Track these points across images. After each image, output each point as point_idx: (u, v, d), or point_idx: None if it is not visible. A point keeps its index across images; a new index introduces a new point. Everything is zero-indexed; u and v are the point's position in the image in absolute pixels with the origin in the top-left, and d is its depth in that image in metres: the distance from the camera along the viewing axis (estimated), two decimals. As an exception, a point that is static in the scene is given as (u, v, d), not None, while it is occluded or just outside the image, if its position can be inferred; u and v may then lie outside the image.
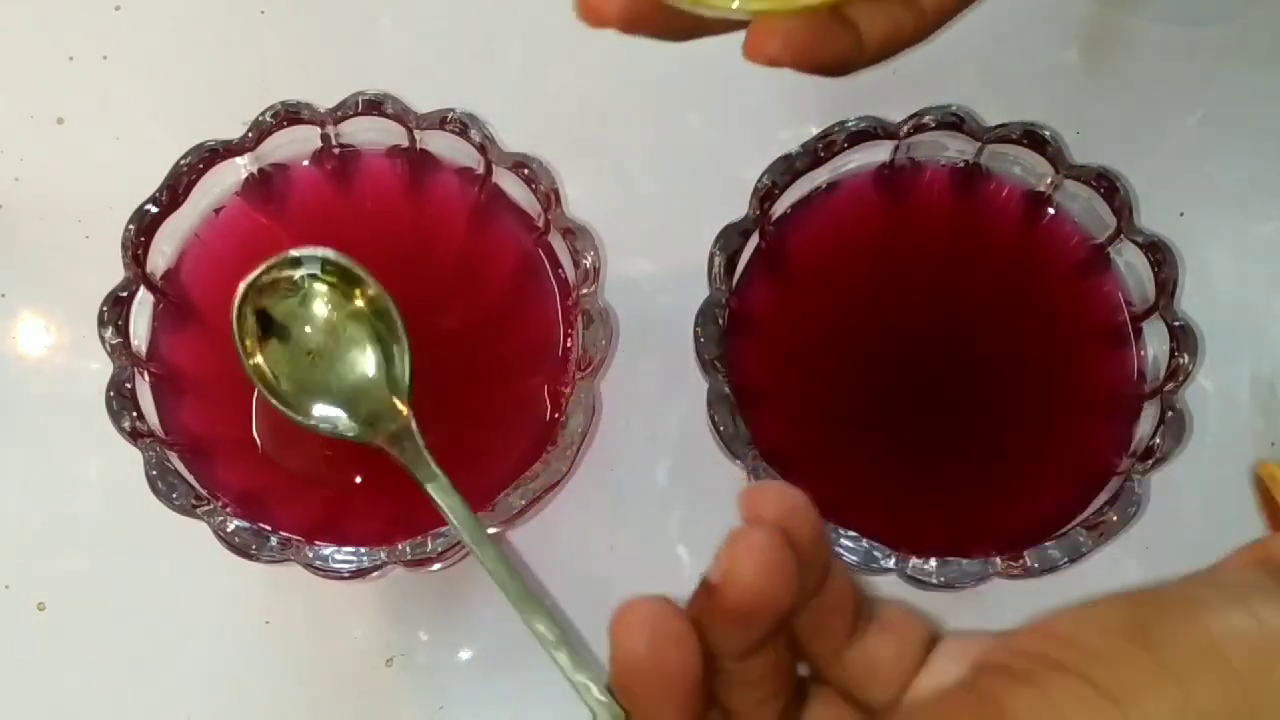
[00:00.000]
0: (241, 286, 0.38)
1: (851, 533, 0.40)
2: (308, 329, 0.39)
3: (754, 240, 0.43)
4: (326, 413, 0.39)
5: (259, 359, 0.38)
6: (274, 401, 0.39)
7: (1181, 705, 0.23)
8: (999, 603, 0.42)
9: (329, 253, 0.38)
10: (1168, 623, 0.23)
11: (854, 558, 0.40)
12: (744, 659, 0.27)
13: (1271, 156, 0.51)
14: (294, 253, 0.38)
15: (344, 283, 0.39)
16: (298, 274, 0.39)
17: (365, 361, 0.39)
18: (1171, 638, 0.23)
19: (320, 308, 0.39)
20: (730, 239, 0.42)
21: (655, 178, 0.52)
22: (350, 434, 0.39)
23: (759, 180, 0.43)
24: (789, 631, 0.28)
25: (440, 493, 0.37)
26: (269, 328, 0.39)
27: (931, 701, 0.25)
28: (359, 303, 0.39)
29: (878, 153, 0.44)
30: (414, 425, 0.38)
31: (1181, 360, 0.41)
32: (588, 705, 0.28)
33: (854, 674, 0.28)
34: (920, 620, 0.28)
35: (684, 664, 0.26)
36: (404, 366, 0.39)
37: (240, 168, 0.44)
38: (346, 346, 0.39)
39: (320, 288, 0.39)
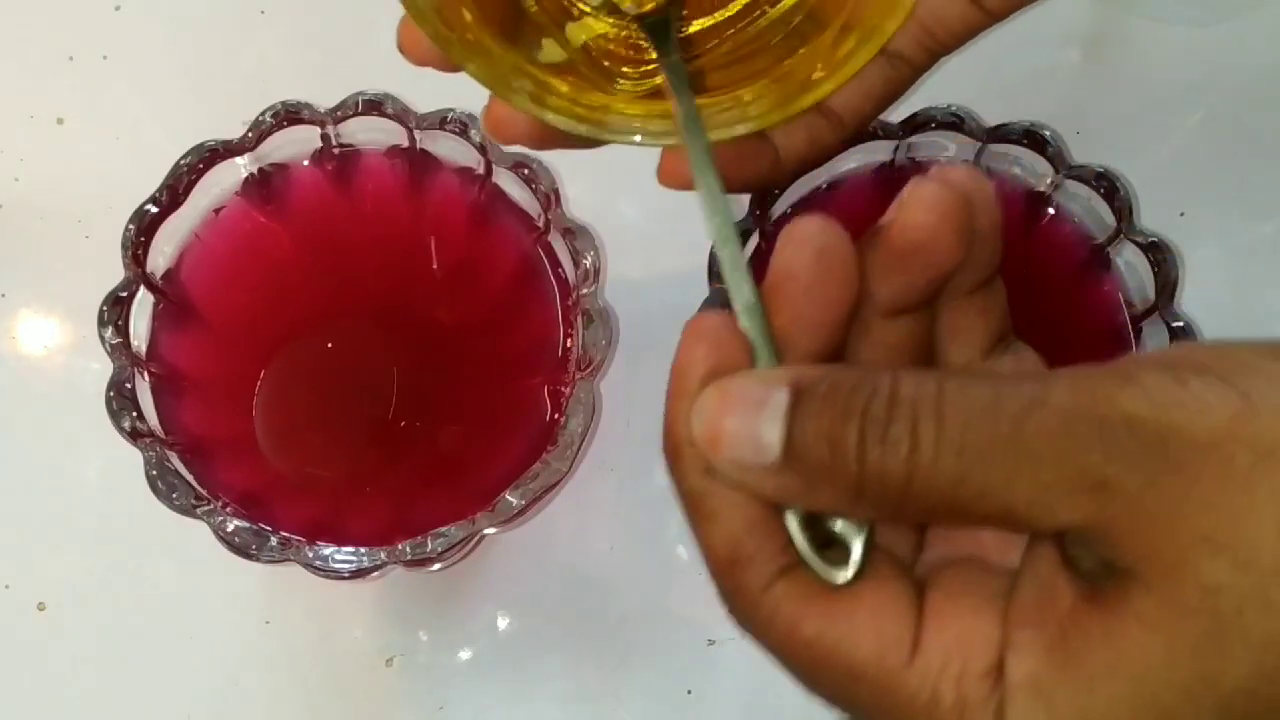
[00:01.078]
0: None
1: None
2: None
3: (754, 240, 0.43)
4: None
5: None
6: None
7: None
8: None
9: None
10: None
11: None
12: (891, 314, 0.27)
13: (1271, 156, 0.51)
14: None
15: None
16: None
17: None
18: None
19: None
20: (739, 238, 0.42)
21: (655, 178, 0.52)
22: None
23: (759, 180, 0.43)
24: (933, 328, 0.28)
25: (675, 77, 0.33)
26: None
27: (1071, 368, 0.25)
28: None
29: (878, 153, 0.44)
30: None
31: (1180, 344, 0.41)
32: (736, 300, 0.28)
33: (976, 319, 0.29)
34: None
35: (841, 287, 0.27)
36: None
37: (240, 168, 0.44)
38: None
39: None
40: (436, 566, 0.42)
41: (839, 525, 0.26)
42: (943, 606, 0.25)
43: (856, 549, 0.26)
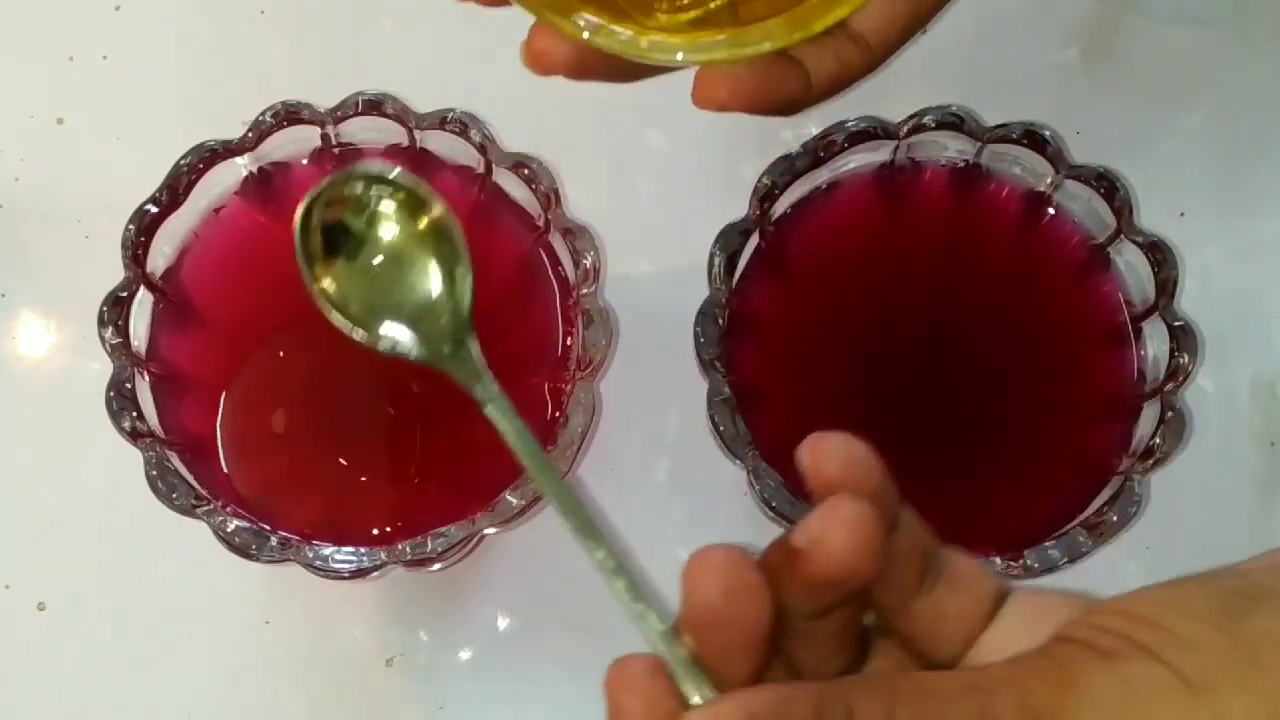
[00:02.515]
0: (305, 202, 0.36)
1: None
2: (373, 247, 0.38)
3: (754, 240, 0.43)
4: (391, 332, 0.37)
5: (326, 281, 0.37)
6: (341, 320, 0.37)
7: (1267, 701, 0.22)
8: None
9: (396, 170, 0.37)
10: (1261, 616, 0.23)
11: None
12: (815, 620, 0.27)
13: (1271, 156, 0.51)
14: (360, 168, 0.37)
15: (409, 202, 0.38)
16: (361, 191, 0.37)
17: (430, 282, 0.38)
18: (1264, 632, 0.23)
19: (386, 226, 0.38)
20: (730, 239, 0.42)
21: (655, 178, 0.52)
22: (412, 354, 0.37)
23: (759, 180, 0.43)
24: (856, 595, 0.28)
25: (500, 415, 0.35)
26: (334, 248, 0.37)
27: (1005, 664, 0.25)
28: (422, 224, 0.38)
29: (878, 153, 0.44)
30: (475, 346, 0.37)
31: (1181, 360, 0.41)
32: (645, 635, 0.28)
33: (921, 627, 0.27)
34: (990, 575, 0.28)
35: (756, 616, 0.26)
36: (465, 288, 0.38)
37: (240, 167, 0.44)
38: (410, 266, 0.38)
39: (386, 206, 0.38)
40: (436, 566, 0.42)
41: None
42: None
43: None
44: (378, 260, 0.38)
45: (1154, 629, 0.23)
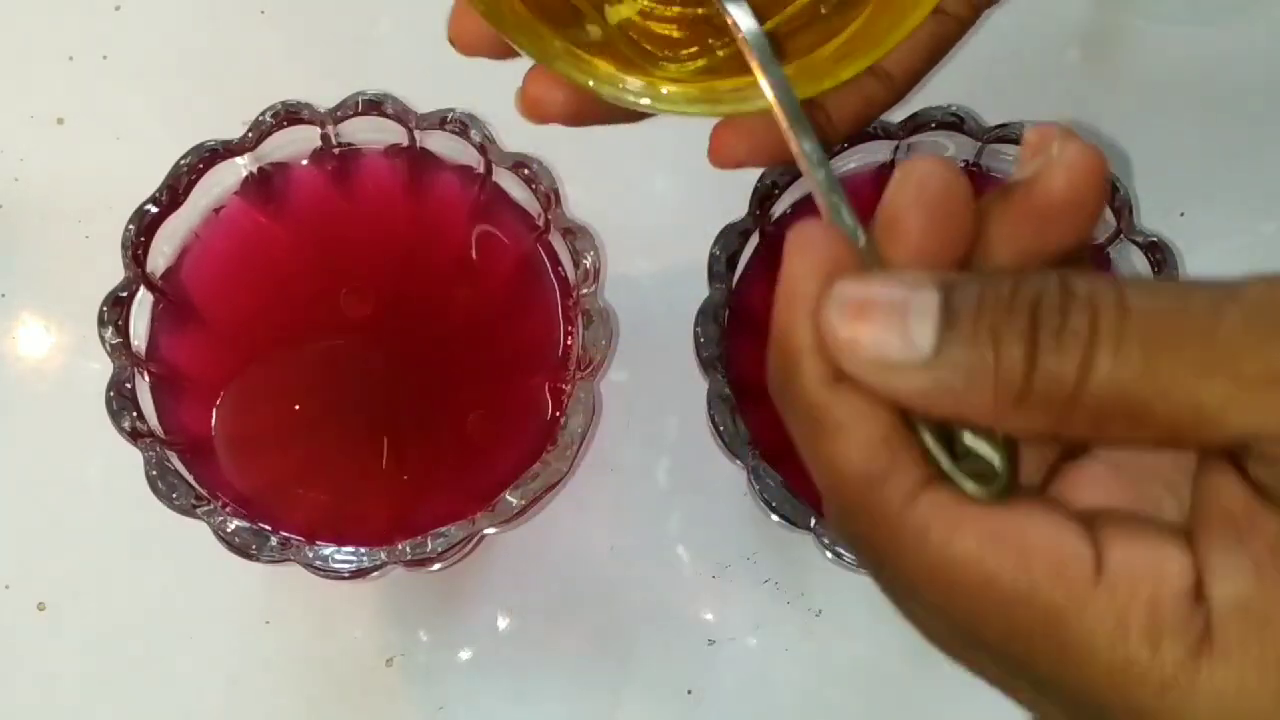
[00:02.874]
0: None
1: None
2: None
3: (754, 240, 0.43)
4: None
5: None
6: None
7: None
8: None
9: None
10: None
11: (854, 558, 0.40)
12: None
13: (1272, 156, 0.51)
14: None
15: None
16: None
17: None
18: None
19: None
20: (730, 239, 0.42)
21: (655, 178, 0.52)
22: None
23: (759, 180, 0.43)
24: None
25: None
26: None
27: (1259, 278, 0.23)
28: None
29: (878, 153, 0.44)
30: None
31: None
32: (831, 210, 0.25)
33: None
34: None
35: (958, 233, 0.24)
36: None
37: (240, 167, 0.44)
38: None
39: None
40: (436, 566, 0.42)
41: (973, 445, 0.23)
42: (1122, 530, 0.22)
43: (1000, 464, 0.23)
44: None
45: None
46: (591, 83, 0.31)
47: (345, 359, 0.44)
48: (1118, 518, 0.23)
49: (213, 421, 0.43)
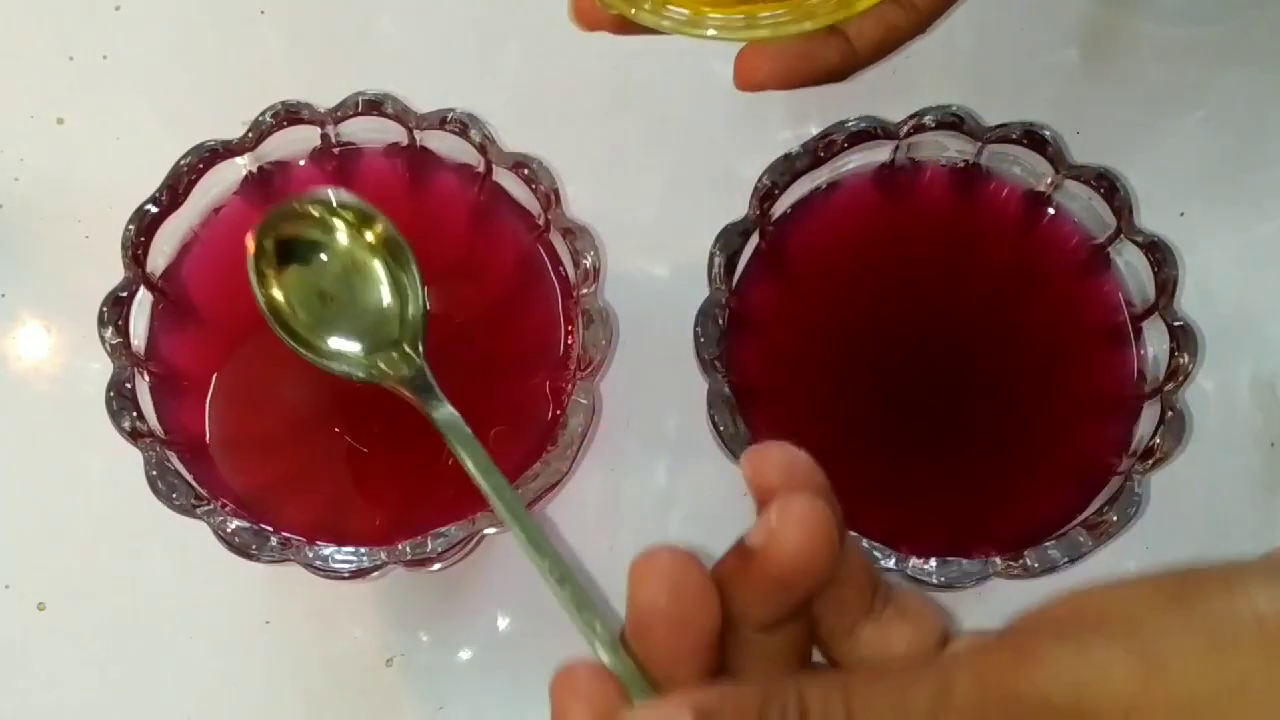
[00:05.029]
0: (265, 216, 0.37)
1: (852, 533, 0.40)
2: (325, 263, 0.39)
3: (754, 240, 0.43)
4: (340, 347, 0.38)
5: (275, 291, 0.38)
6: (285, 336, 0.38)
7: (1217, 671, 0.22)
8: (999, 602, 0.42)
9: (343, 193, 0.38)
10: (1207, 596, 0.23)
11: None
12: (767, 630, 0.27)
13: (1272, 156, 0.51)
14: (311, 194, 0.38)
15: (358, 221, 0.39)
16: (316, 210, 0.38)
17: (379, 298, 0.39)
18: (1210, 609, 0.23)
19: (338, 242, 0.39)
20: (730, 239, 0.42)
21: (655, 178, 0.52)
22: (360, 373, 0.38)
23: (759, 180, 0.43)
24: (807, 609, 0.27)
25: (451, 430, 0.36)
26: (286, 259, 0.38)
27: (967, 650, 0.25)
28: (371, 240, 0.39)
29: (878, 153, 0.44)
30: (426, 366, 0.38)
31: (1181, 360, 0.41)
32: (592, 646, 0.28)
33: (867, 657, 0.27)
34: (937, 612, 0.28)
35: (704, 619, 0.26)
36: (418, 307, 0.39)
37: (240, 167, 0.44)
38: (361, 284, 0.39)
39: (337, 223, 0.38)
40: (436, 566, 0.42)
41: None
42: None
43: None
44: (332, 277, 0.39)
45: (1105, 615, 0.24)
46: (633, 10, 0.32)
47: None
48: None
49: (206, 420, 0.44)
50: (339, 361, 0.38)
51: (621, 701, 0.26)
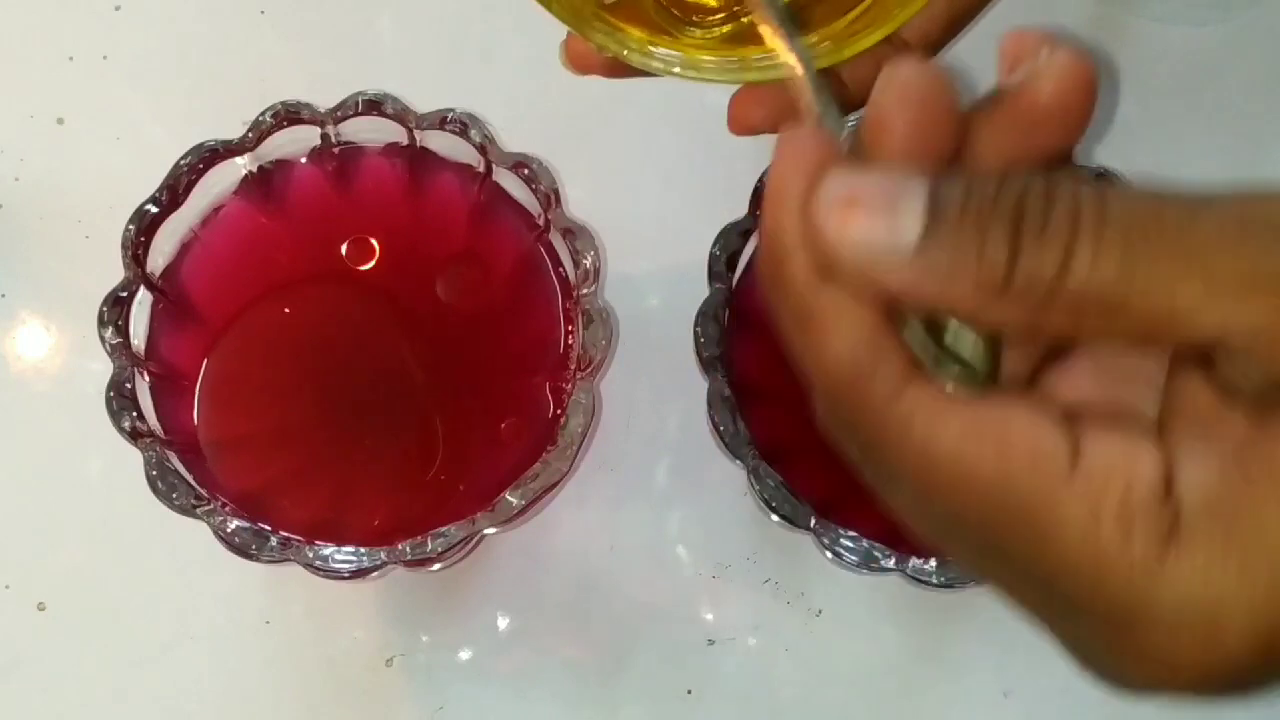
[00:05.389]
0: None
1: (851, 533, 0.40)
2: None
3: (754, 240, 0.43)
4: None
5: None
6: None
7: None
8: (999, 602, 0.42)
9: None
10: None
11: (854, 557, 0.40)
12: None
13: (1272, 156, 0.51)
14: None
15: None
16: None
17: None
18: None
19: None
20: (730, 239, 0.42)
21: (655, 178, 0.52)
22: None
23: (759, 180, 0.43)
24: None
25: None
26: None
27: (1232, 193, 0.23)
28: None
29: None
30: None
31: (1181, 360, 0.41)
32: (827, 123, 0.26)
33: None
34: None
35: (947, 136, 0.25)
36: None
37: (240, 167, 0.44)
38: None
39: None
40: (436, 566, 0.42)
41: (958, 338, 0.24)
42: (1099, 425, 0.23)
43: (982, 360, 0.24)
44: None
45: None
46: (625, 51, 0.32)
47: (345, 358, 0.44)
48: (1096, 413, 0.23)
49: (198, 419, 0.44)
50: None
51: (842, 163, 0.24)
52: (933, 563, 0.40)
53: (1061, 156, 0.26)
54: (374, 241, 0.45)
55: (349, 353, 0.44)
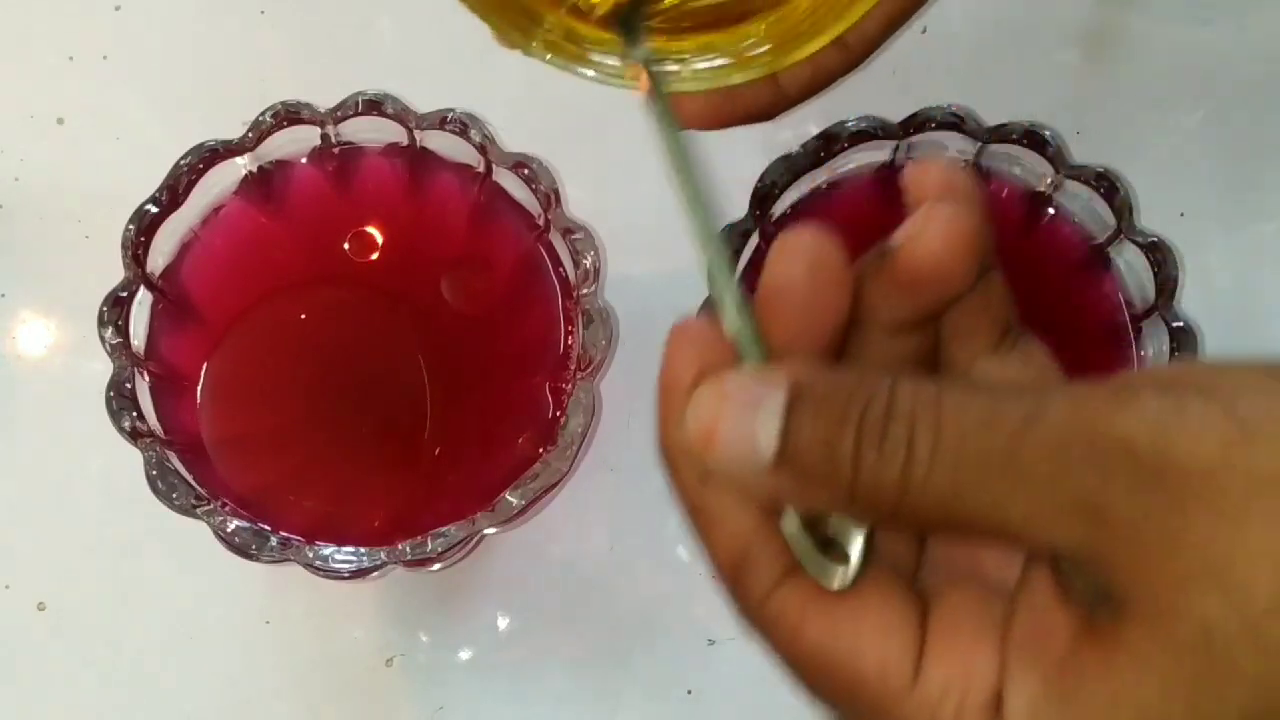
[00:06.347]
0: None
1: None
2: None
3: (754, 240, 0.43)
4: None
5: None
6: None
7: None
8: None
9: None
10: None
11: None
12: (893, 334, 0.27)
13: (1271, 156, 0.51)
14: None
15: None
16: None
17: None
18: None
19: None
20: (730, 239, 0.42)
21: (655, 178, 0.51)
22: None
23: (759, 180, 0.43)
24: (936, 334, 0.28)
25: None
26: None
27: (1072, 384, 0.24)
28: None
29: (878, 153, 0.44)
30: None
31: (1182, 360, 0.41)
32: (719, 302, 0.27)
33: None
34: (1059, 372, 0.28)
35: (834, 299, 0.26)
36: None
37: (240, 167, 0.44)
38: None
39: None
40: (436, 566, 0.42)
41: (839, 527, 0.26)
42: (944, 629, 0.25)
43: (855, 553, 0.25)
44: None
45: (1212, 382, 0.23)
46: (549, 57, 0.32)
47: (345, 358, 0.44)
48: (947, 609, 0.25)
49: (206, 420, 0.44)
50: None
51: (729, 361, 0.26)
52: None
53: (954, 301, 0.27)
54: (374, 241, 0.45)
55: (349, 353, 0.44)
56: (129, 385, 0.41)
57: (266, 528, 0.41)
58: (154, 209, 0.42)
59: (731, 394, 0.25)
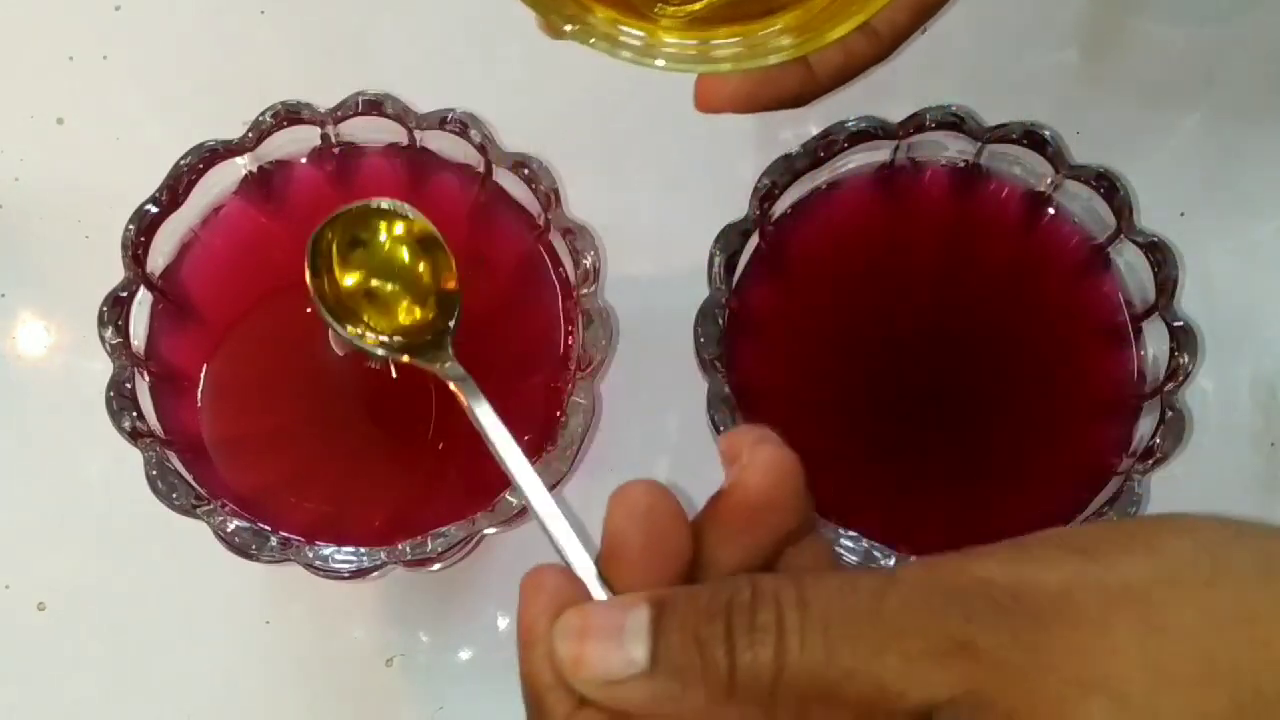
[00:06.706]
0: (335, 213, 0.39)
1: (851, 533, 0.40)
2: (373, 265, 0.40)
3: (754, 240, 0.43)
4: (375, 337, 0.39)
5: (326, 282, 0.38)
6: (327, 316, 0.38)
7: (1151, 565, 0.23)
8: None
9: (409, 210, 0.39)
10: (1157, 531, 0.24)
11: (854, 557, 0.40)
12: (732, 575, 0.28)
13: (1271, 156, 0.51)
14: (382, 204, 0.39)
15: (410, 238, 0.39)
16: (378, 219, 0.39)
17: (417, 305, 0.39)
18: (1157, 538, 0.24)
19: (389, 249, 0.40)
20: (730, 239, 0.42)
21: (655, 178, 0.52)
22: (382, 352, 0.39)
23: (759, 180, 0.43)
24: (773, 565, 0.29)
25: (468, 392, 0.36)
26: (344, 258, 0.39)
27: (913, 563, 0.26)
28: (412, 241, 0.39)
29: (878, 153, 0.44)
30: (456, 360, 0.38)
31: (1181, 360, 0.41)
32: (562, 554, 0.30)
33: None
34: None
35: (674, 545, 0.27)
36: (454, 317, 0.39)
37: (240, 167, 0.44)
38: (402, 289, 0.40)
39: (396, 231, 0.39)
40: (436, 566, 0.42)
41: None
42: None
43: None
44: (378, 280, 0.39)
45: (1057, 533, 0.25)
46: (591, 40, 0.32)
47: (345, 358, 0.44)
48: None
49: (206, 420, 0.44)
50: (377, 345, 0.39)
51: (583, 598, 0.27)
52: (933, 563, 0.40)
53: (792, 537, 0.28)
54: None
55: (349, 352, 0.44)
56: (129, 385, 0.41)
57: (266, 528, 0.41)
58: (154, 209, 0.43)
59: (597, 617, 0.26)
